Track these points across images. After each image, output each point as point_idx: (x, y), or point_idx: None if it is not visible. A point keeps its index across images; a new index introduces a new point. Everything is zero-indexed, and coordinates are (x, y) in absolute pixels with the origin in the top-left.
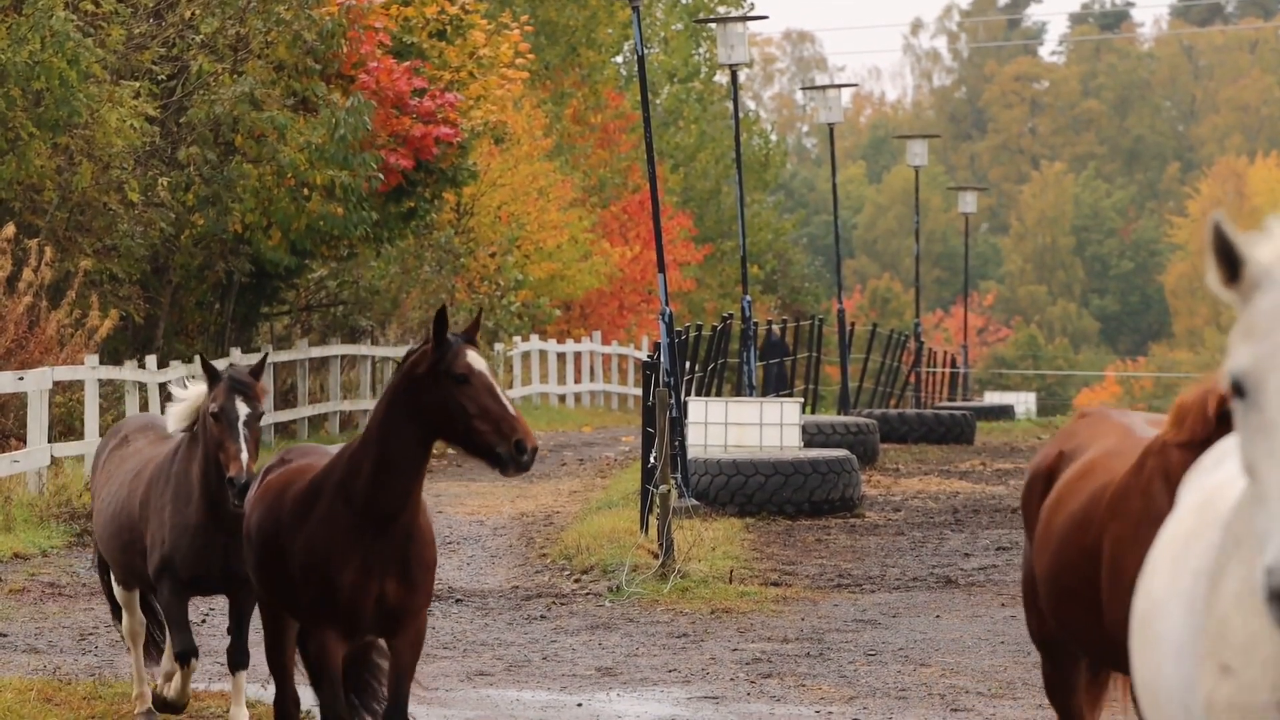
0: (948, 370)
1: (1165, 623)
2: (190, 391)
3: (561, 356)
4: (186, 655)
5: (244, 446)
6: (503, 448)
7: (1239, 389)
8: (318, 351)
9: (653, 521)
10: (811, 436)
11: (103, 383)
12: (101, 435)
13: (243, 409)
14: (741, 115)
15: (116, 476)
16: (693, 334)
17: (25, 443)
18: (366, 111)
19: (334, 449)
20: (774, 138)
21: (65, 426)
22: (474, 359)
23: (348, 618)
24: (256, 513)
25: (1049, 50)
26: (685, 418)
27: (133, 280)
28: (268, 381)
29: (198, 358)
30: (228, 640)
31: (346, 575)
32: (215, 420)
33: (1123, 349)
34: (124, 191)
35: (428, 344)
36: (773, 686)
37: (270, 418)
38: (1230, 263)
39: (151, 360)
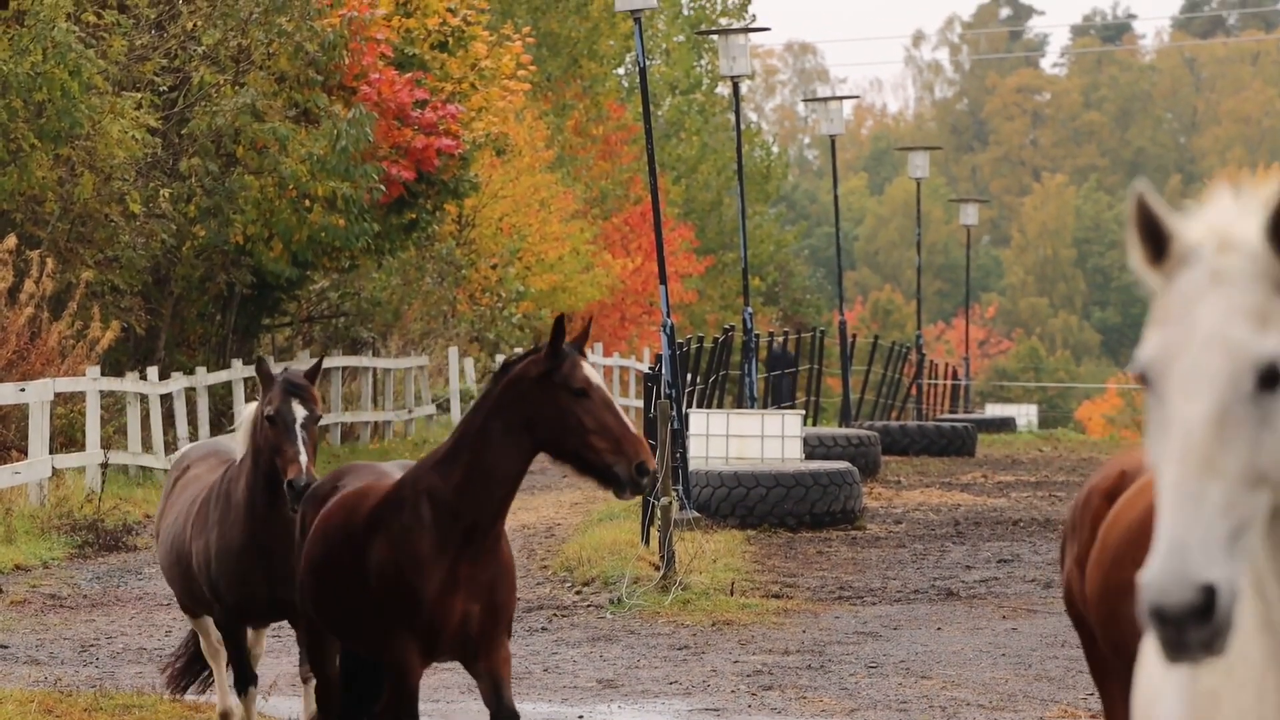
0: (949, 382)
1: (1161, 708)
2: (249, 409)
3: None
4: (244, 684)
5: (302, 449)
6: (621, 467)
7: (1146, 380)
8: (322, 363)
9: (654, 533)
10: (813, 449)
11: (104, 394)
12: (103, 447)
13: (299, 411)
14: (743, 127)
15: (176, 505)
16: (694, 346)
17: (26, 454)
18: (368, 123)
19: (389, 466)
20: (776, 149)
21: (66, 438)
22: (591, 371)
23: (427, 635)
24: (319, 533)
25: (1050, 62)
26: (686, 429)
27: (134, 291)
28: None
29: (255, 361)
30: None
31: (430, 590)
32: (270, 424)
33: (1124, 361)
34: (125, 203)
35: (537, 352)
36: (774, 699)
37: None
38: (1155, 241)
39: (153, 372)
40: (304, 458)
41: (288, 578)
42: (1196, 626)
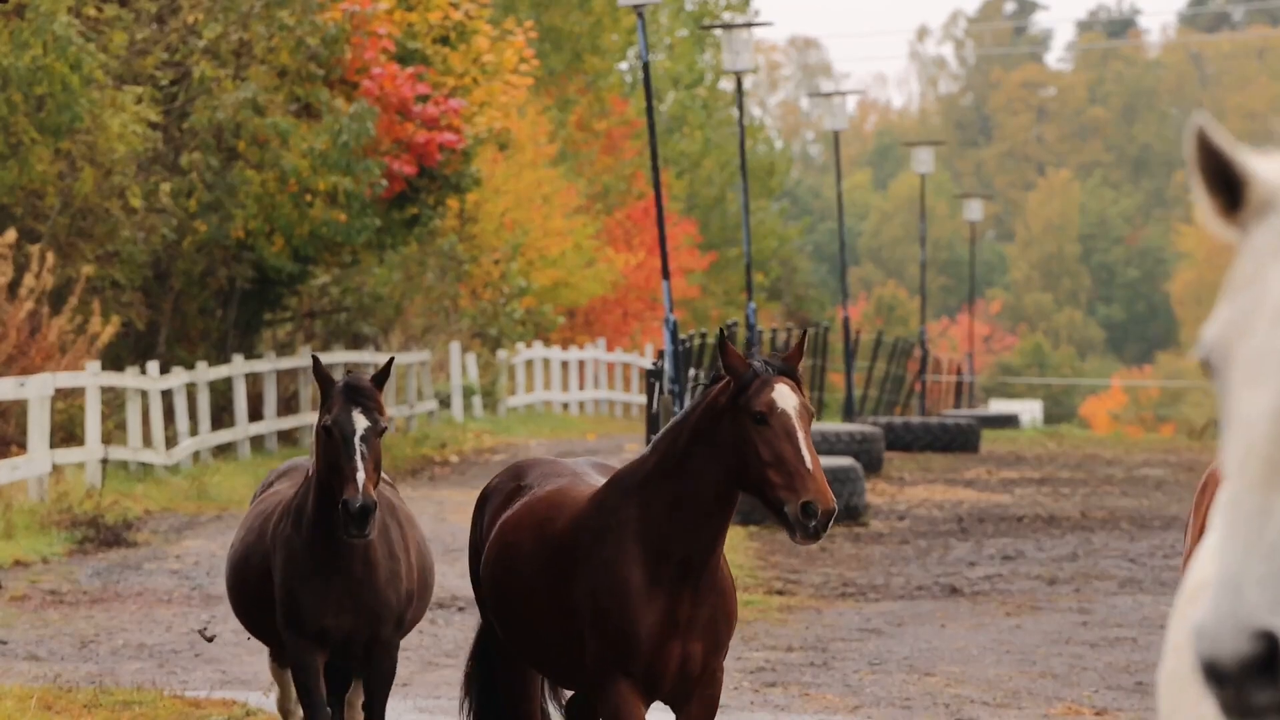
0: (953, 378)
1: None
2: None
3: (565, 364)
4: None
5: (360, 465)
6: (790, 506)
7: (1209, 366)
8: (320, 358)
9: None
10: (816, 445)
11: (104, 389)
12: (103, 442)
13: (360, 422)
14: (746, 122)
15: (247, 523)
16: (697, 341)
17: (26, 449)
18: (370, 118)
19: (578, 465)
20: (779, 144)
21: (66, 433)
22: (782, 395)
23: (646, 680)
24: (500, 544)
25: (1055, 57)
26: None
27: (134, 286)
28: (269, 389)
29: (311, 361)
30: (234, 648)
31: (646, 633)
32: (328, 435)
33: (1129, 357)
34: (126, 197)
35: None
36: (777, 695)
37: (273, 425)
38: (1227, 186)
39: (153, 367)
40: (361, 475)
41: (370, 604)
42: (1259, 684)
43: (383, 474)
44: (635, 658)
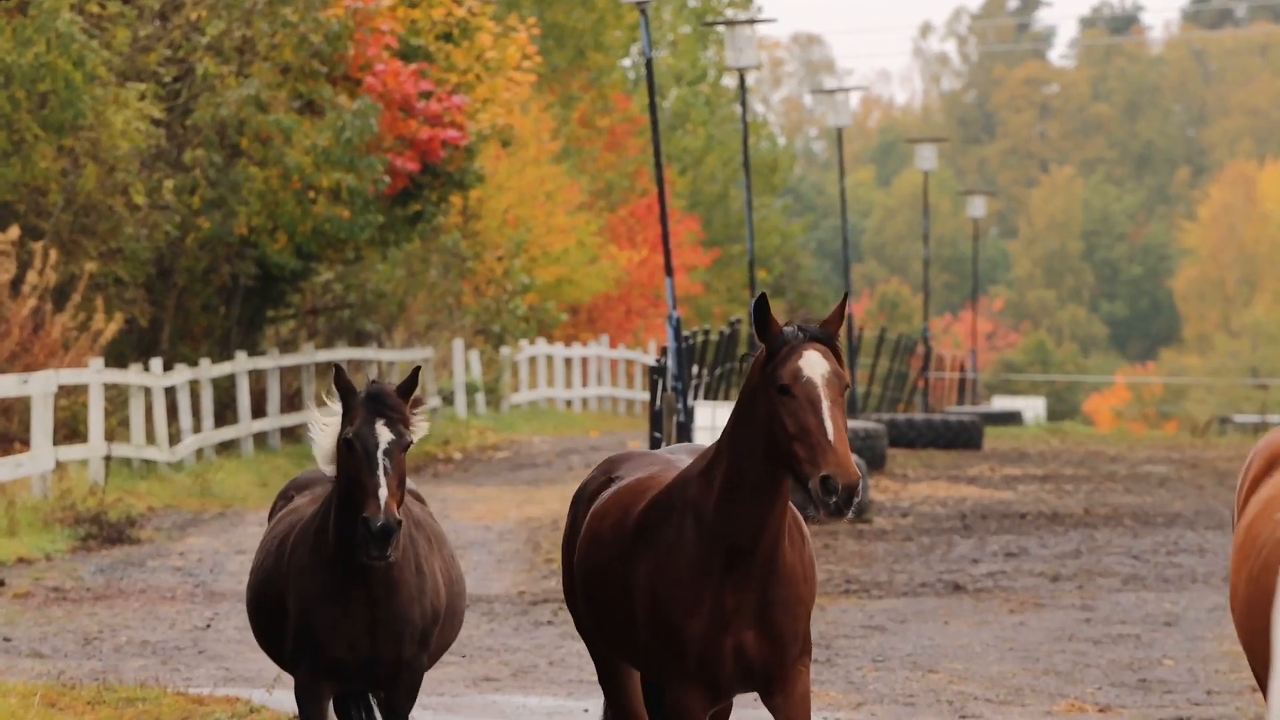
0: (956, 375)
1: None
2: (334, 418)
3: (568, 360)
4: None
5: (382, 481)
6: (814, 481)
7: None
8: (324, 355)
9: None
10: None
11: (107, 386)
12: (106, 439)
13: (383, 435)
14: (750, 119)
15: (267, 542)
16: (700, 338)
17: (29, 446)
18: (373, 114)
19: (672, 453)
20: (782, 141)
21: (70, 430)
22: (809, 362)
23: (702, 675)
24: (589, 536)
25: (1058, 54)
26: (692, 422)
27: (138, 283)
28: (273, 386)
29: (334, 372)
30: (238, 646)
31: (694, 624)
32: (348, 449)
33: (1132, 354)
34: (129, 194)
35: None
36: None
37: (276, 421)
38: None
39: (157, 364)
40: (384, 493)
41: (393, 628)
42: None
43: (409, 488)
44: (686, 651)
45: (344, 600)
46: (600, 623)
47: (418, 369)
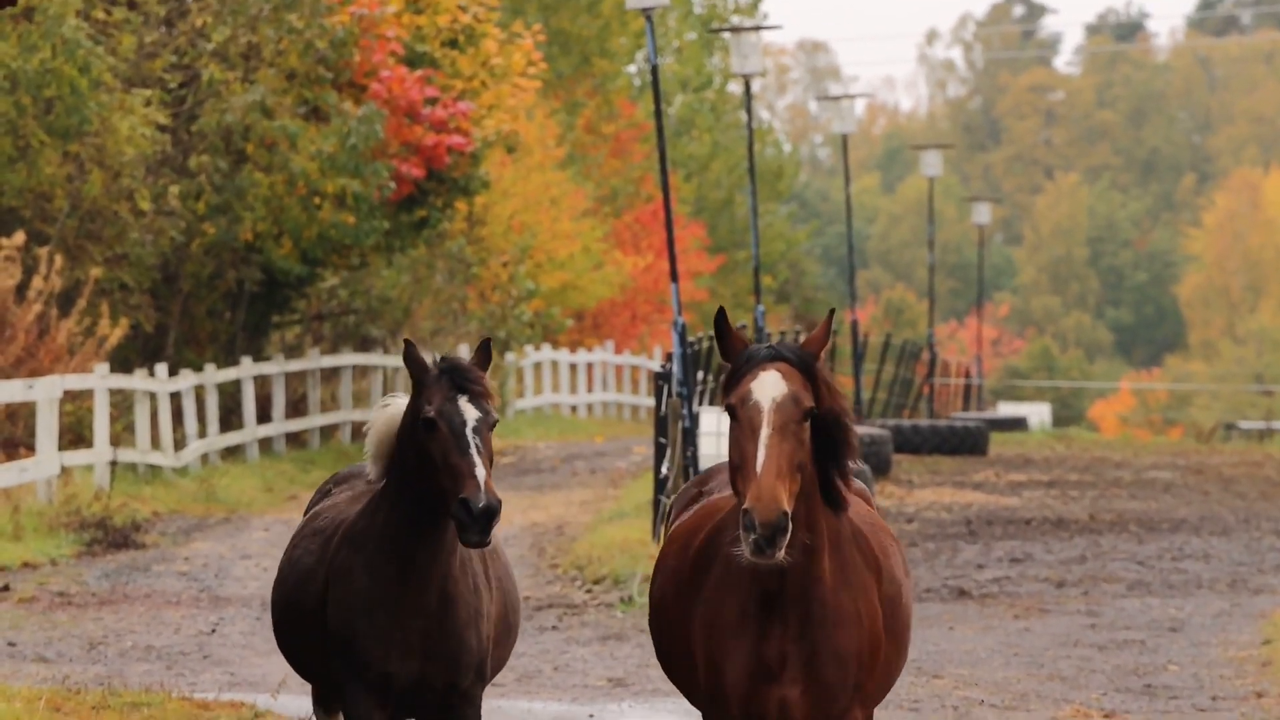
0: (961, 381)
1: None
2: (386, 413)
3: (573, 366)
4: None
5: (477, 460)
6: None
7: None
8: (329, 361)
9: (665, 532)
10: None
11: (113, 392)
12: (112, 444)
13: (470, 412)
14: (755, 125)
15: (302, 540)
16: (705, 344)
17: (35, 451)
18: (378, 120)
19: None
20: (787, 148)
21: (75, 435)
22: (761, 385)
23: None
24: (668, 553)
25: (1064, 61)
26: (697, 428)
27: (143, 289)
28: (278, 392)
29: (404, 346)
30: (243, 651)
31: (733, 670)
32: (430, 430)
33: (1137, 360)
34: (134, 200)
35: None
36: None
37: (281, 427)
38: None
39: (162, 369)
40: (481, 471)
41: (446, 648)
42: None
43: None
44: (725, 701)
45: (392, 611)
46: (665, 661)
47: (488, 340)
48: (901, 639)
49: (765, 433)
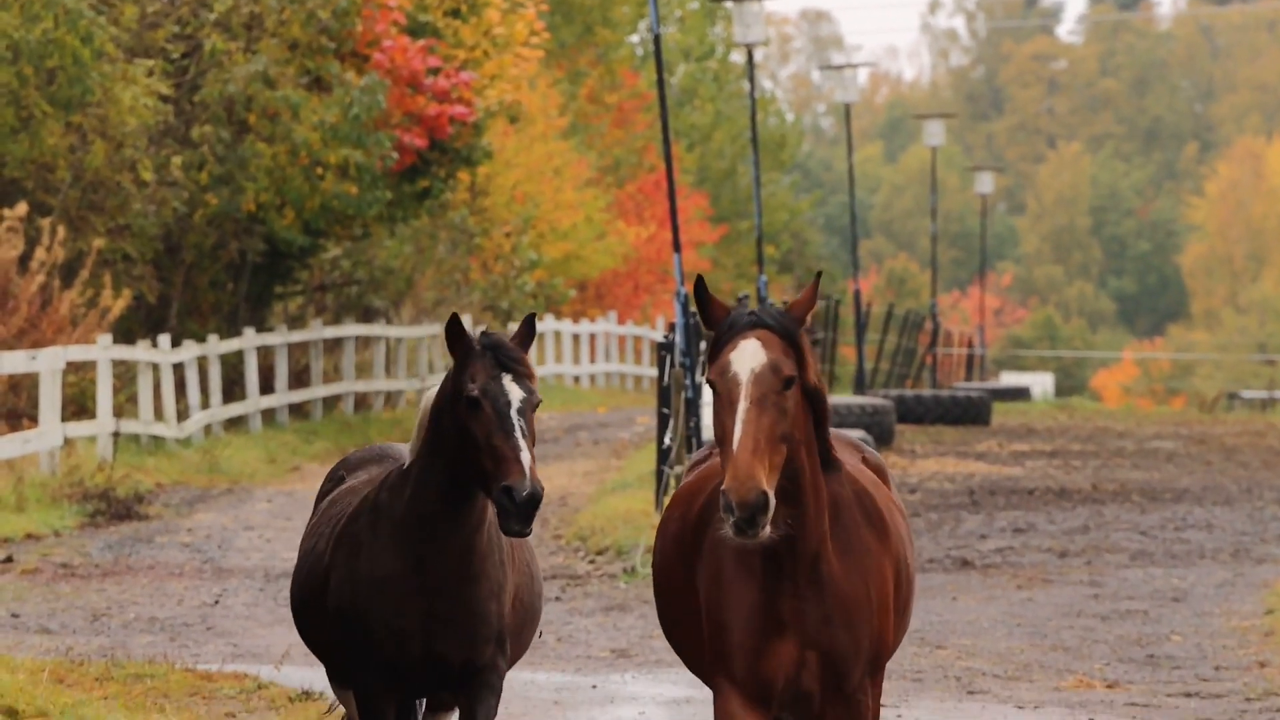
0: (964, 351)
1: None
2: (430, 394)
3: (576, 337)
4: None
5: (522, 444)
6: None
7: None
8: (331, 332)
9: (667, 502)
10: None
11: (115, 363)
12: (115, 415)
13: (514, 392)
14: (758, 94)
15: (318, 526)
16: None
17: (38, 423)
18: (381, 90)
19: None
20: (790, 117)
21: (78, 406)
22: (741, 355)
23: (753, 690)
24: (659, 531)
25: (1067, 30)
26: (700, 398)
27: (146, 260)
28: (280, 362)
29: (449, 321)
30: (245, 622)
31: (742, 630)
32: (473, 409)
33: (1140, 330)
34: (137, 170)
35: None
36: None
37: (284, 398)
38: None
39: (165, 340)
40: (527, 456)
41: (463, 631)
42: None
43: None
44: (733, 655)
45: (405, 587)
46: (668, 628)
47: (532, 315)
48: (906, 603)
49: (742, 406)
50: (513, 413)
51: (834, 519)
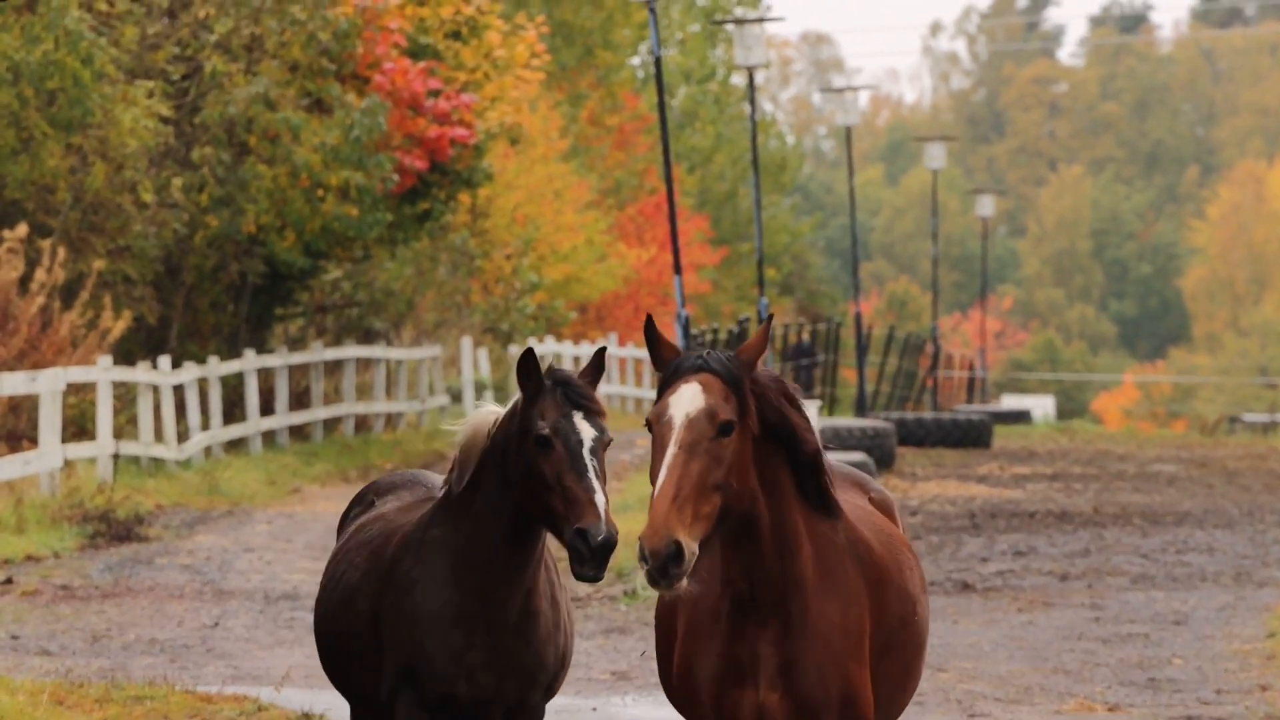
0: (965, 374)
1: None
2: (475, 419)
3: (577, 359)
4: None
5: (597, 486)
6: None
7: None
8: (332, 354)
9: None
10: (828, 440)
11: (116, 384)
12: (115, 437)
13: (586, 431)
14: (758, 117)
15: (344, 556)
16: (709, 336)
17: (38, 444)
18: (381, 112)
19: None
20: (791, 140)
21: (78, 428)
22: (679, 400)
23: None
24: None
25: (1068, 53)
26: None
27: (146, 281)
28: (281, 384)
29: (523, 352)
30: (246, 644)
31: (703, 667)
32: (544, 448)
33: (1141, 353)
34: (137, 192)
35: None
36: None
37: (284, 419)
38: None
39: (165, 361)
40: (602, 500)
41: (522, 669)
42: None
43: None
44: (698, 703)
45: (468, 627)
46: (658, 657)
47: (602, 349)
48: (910, 659)
49: (670, 452)
50: (585, 452)
51: (820, 563)
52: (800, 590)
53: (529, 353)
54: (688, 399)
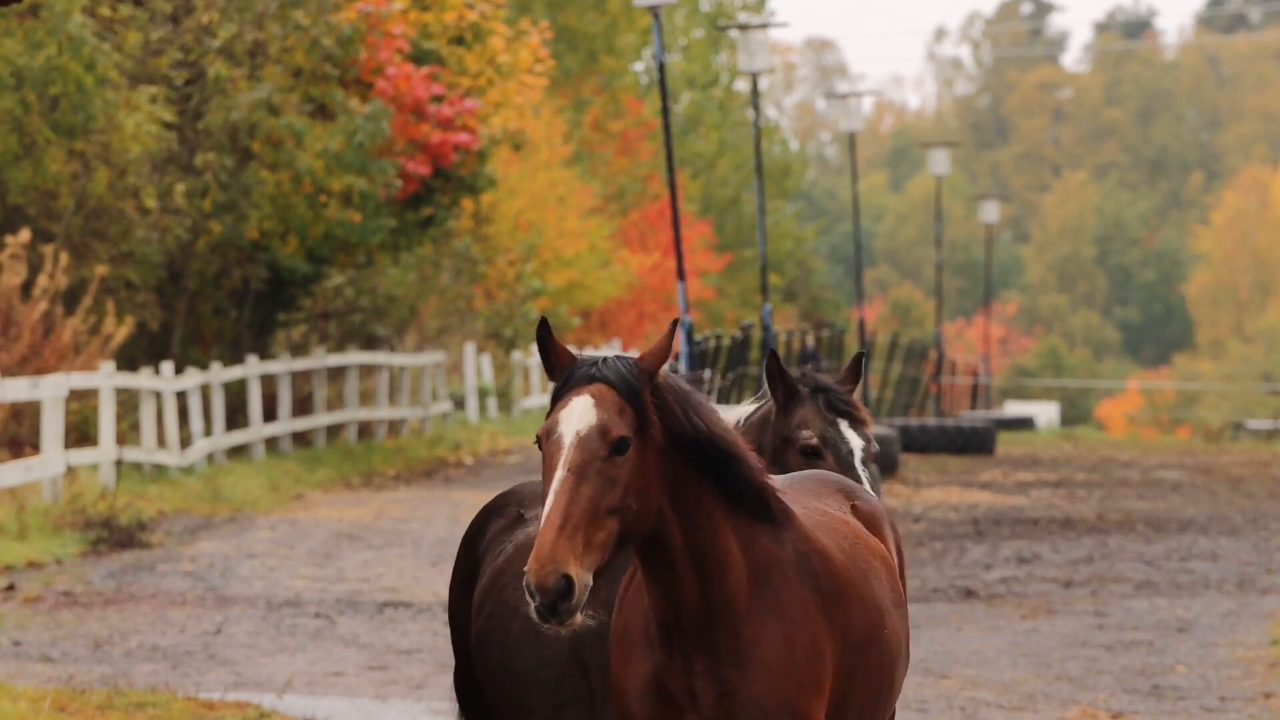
0: (969, 380)
1: None
2: (739, 412)
3: None
4: None
5: (875, 497)
6: None
7: None
8: (335, 360)
9: None
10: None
11: (118, 390)
12: (117, 443)
13: (854, 440)
14: (762, 123)
15: (492, 594)
16: (712, 343)
17: (40, 450)
18: (384, 118)
19: (799, 477)
20: (795, 146)
21: (80, 434)
22: (568, 414)
23: None
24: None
25: (1072, 58)
26: None
27: (149, 287)
28: (284, 390)
29: (768, 356)
30: (248, 651)
31: (631, 695)
32: (811, 457)
33: (1145, 359)
34: (140, 198)
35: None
36: None
37: (287, 426)
38: None
39: (167, 367)
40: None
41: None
42: None
43: None
44: None
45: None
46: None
47: (860, 355)
48: (880, 680)
49: (558, 476)
50: (857, 463)
51: (760, 583)
52: (729, 615)
53: (774, 355)
54: (578, 414)
